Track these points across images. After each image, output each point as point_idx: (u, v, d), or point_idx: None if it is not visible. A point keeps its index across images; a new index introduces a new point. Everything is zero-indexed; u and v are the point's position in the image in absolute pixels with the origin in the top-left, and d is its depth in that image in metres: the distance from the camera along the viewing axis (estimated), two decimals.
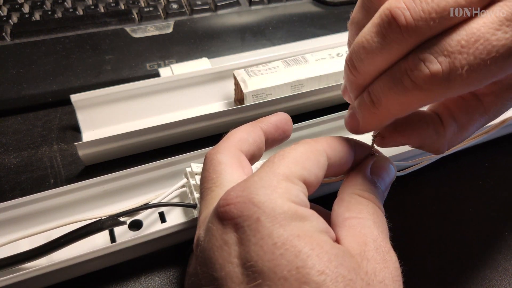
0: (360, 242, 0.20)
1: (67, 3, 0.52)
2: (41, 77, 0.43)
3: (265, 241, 0.18)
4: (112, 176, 0.31)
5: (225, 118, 0.38)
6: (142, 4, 0.53)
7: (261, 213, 0.19)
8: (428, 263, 0.30)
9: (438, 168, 0.37)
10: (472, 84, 0.18)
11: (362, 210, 0.21)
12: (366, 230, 0.20)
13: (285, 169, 0.21)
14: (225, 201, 0.20)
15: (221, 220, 0.20)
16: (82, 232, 0.27)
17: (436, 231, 0.32)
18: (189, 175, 0.31)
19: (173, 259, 0.30)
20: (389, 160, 0.25)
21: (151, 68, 0.45)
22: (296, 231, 0.18)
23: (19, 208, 0.29)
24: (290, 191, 0.20)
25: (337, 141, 0.24)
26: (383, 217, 0.22)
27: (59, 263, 0.25)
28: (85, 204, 0.31)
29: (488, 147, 0.39)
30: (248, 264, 0.18)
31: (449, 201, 0.34)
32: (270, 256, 0.18)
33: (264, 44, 0.49)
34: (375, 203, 0.22)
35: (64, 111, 0.41)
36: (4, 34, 0.46)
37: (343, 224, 0.21)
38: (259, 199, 0.19)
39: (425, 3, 0.18)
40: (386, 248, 0.20)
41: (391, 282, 0.19)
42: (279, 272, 0.17)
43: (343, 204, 0.22)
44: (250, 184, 0.20)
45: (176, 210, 0.32)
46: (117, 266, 0.29)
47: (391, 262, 0.20)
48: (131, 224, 0.31)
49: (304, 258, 0.17)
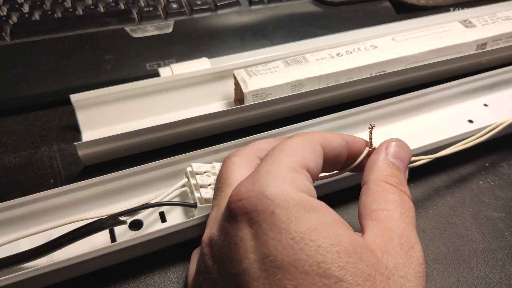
0: (385, 236, 0.20)
1: (67, 3, 0.52)
2: (41, 77, 0.43)
3: (283, 235, 0.18)
4: (112, 176, 0.31)
5: (225, 118, 0.38)
6: (142, 4, 0.53)
7: (275, 206, 0.19)
8: (428, 263, 0.30)
9: (438, 168, 0.37)
10: None
11: (389, 200, 0.21)
12: (393, 223, 0.20)
13: (288, 160, 0.21)
14: (237, 197, 0.20)
15: (234, 216, 0.19)
16: (82, 231, 0.27)
17: (435, 231, 0.32)
18: (189, 174, 0.31)
19: (174, 259, 0.30)
20: (401, 140, 0.25)
21: (151, 68, 0.45)
22: (312, 224, 0.18)
23: (19, 208, 0.29)
24: (297, 181, 0.20)
25: (328, 133, 0.24)
26: (410, 204, 0.22)
27: (59, 263, 0.25)
28: (85, 204, 0.31)
29: (488, 147, 0.39)
30: (267, 260, 0.18)
31: (449, 201, 0.34)
32: (290, 250, 0.18)
33: (264, 44, 0.49)
34: (402, 189, 0.22)
35: (64, 111, 0.41)
36: (4, 34, 0.46)
37: (370, 217, 0.21)
38: (271, 191, 0.19)
39: None
40: (411, 242, 0.20)
41: (413, 278, 0.19)
42: (300, 267, 0.17)
43: (370, 193, 0.22)
44: (259, 177, 0.20)
45: (177, 209, 0.32)
46: (117, 266, 0.29)
47: (415, 258, 0.20)
48: (131, 223, 0.31)
49: (324, 254, 0.17)
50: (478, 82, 0.42)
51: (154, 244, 0.28)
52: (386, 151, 0.24)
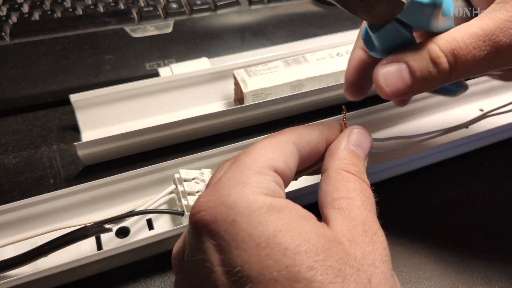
0: (349, 225, 0.20)
1: (66, 3, 0.52)
2: (41, 77, 0.43)
3: (247, 243, 0.17)
4: (99, 182, 0.31)
5: (225, 118, 0.38)
6: (141, 4, 0.53)
7: (235, 214, 0.18)
8: (428, 264, 0.30)
9: (438, 168, 0.37)
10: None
11: (350, 188, 0.21)
12: (355, 211, 0.20)
13: (252, 163, 0.20)
14: (196, 208, 0.19)
15: (195, 229, 0.19)
16: (67, 239, 0.26)
17: (435, 231, 0.32)
18: (177, 181, 0.30)
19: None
20: (364, 128, 0.25)
21: (150, 68, 0.45)
22: (277, 225, 0.18)
23: (4, 214, 0.29)
24: (260, 184, 0.19)
25: (301, 127, 0.24)
26: (370, 192, 0.22)
27: (44, 271, 0.25)
28: (72, 211, 0.31)
29: (488, 148, 0.39)
30: (234, 271, 0.17)
31: (448, 201, 0.34)
32: (256, 258, 0.17)
33: (264, 44, 0.49)
34: (361, 177, 0.22)
35: (64, 111, 0.41)
36: (4, 34, 0.46)
37: (332, 206, 0.21)
38: (230, 199, 0.19)
39: None
40: (374, 229, 0.20)
41: (380, 263, 0.19)
42: (268, 274, 0.17)
43: (330, 181, 0.22)
44: (219, 186, 0.19)
45: (164, 217, 0.31)
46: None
47: (379, 243, 0.20)
48: (118, 231, 0.30)
49: (292, 256, 0.17)
50: (474, 87, 0.42)
51: (141, 252, 0.28)
52: (348, 138, 0.24)
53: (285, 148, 0.22)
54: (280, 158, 0.21)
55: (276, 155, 0.21)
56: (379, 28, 0.23)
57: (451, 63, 0.22)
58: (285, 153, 0.22)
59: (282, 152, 0.21)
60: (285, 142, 0.22)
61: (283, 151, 0.22)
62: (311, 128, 0.24)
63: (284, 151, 0.22)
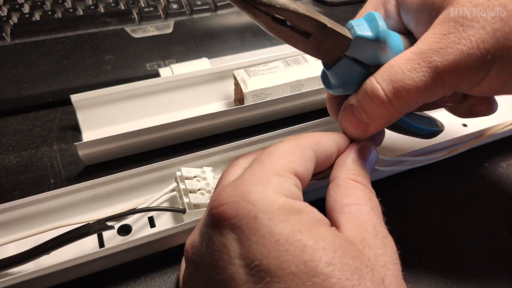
0: (360, 229, 0.20)
1: (67, 3, 0.52)
2: (41, 77, 0.43)
3: (267, 239, 0.18)
4: (101, 180, 0.31)
5: (225, 118, 0.38)
6: (142, 4, 0.53)
7: (257, 211, 0.19)
8: (428, 264, 0.30)
9: (438, 168, 0.37)
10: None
11: (359, 196, 0.22)
12: (365, 216, 0.21)
13: (274, 164, 0.21)
14: (218, 202, 0.19)
15: (215, 221, 0.19)
16: (69, 236, 0.27)
17: (435, 231, 0.32)
18: (179, 179, 0.31)
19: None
20: (372, 144, 0.26)
21: (151, 68, 0.45)
22: (296, 225, 0.18)
23: (6, 213, 0.29)
24: (281, 186, 0.20)
25: (319, 135, 0.24)
26: (377, 201, 0.23)
27: (46, 269, 0.25)
28: (74, 209, 0.31)
29: (487, 148, 0.39)
30: (253, 264, 0.18)
31: (448, 201, 0.34)
32: (275, 253, 0.18)
33: (264, 44, 0.49)
34: (369, 187, 0.23)
35: (64, 111, 0.41)
36: (4, 34, 0.46)
37: (341, 211, 0.21)
38: (252, 196, 0.19)
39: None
40: (384, 233, 0.21)
41: (392, 265, 0.19)
42: (287, 268, 0.17)
43: (339, 189, 0.22)
44: (241, 182, 0.20)
45: (166, 215, 0.31)
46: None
47: (389, 247, 0.20)
48: (120, 228, 0.30)
49: (310, 252, 0.18)
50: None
51: (142, 249, 0.28)
52: (356, 152, 0.25)
53: (305, 153, 0.22)
54: (300, 162, 0.22)
55: (297, 159, 0.22)
56: (332, 65, 0.24)
57: (389, 91, 0.22)
58: (305, 158, 0.22)
59: (301, 156, 0.22)
60: (304, 148, 0.23)
61: (302, 155, 0.22)
62: (329, 137, 0.25)
63: (303, 156, 0.22)
